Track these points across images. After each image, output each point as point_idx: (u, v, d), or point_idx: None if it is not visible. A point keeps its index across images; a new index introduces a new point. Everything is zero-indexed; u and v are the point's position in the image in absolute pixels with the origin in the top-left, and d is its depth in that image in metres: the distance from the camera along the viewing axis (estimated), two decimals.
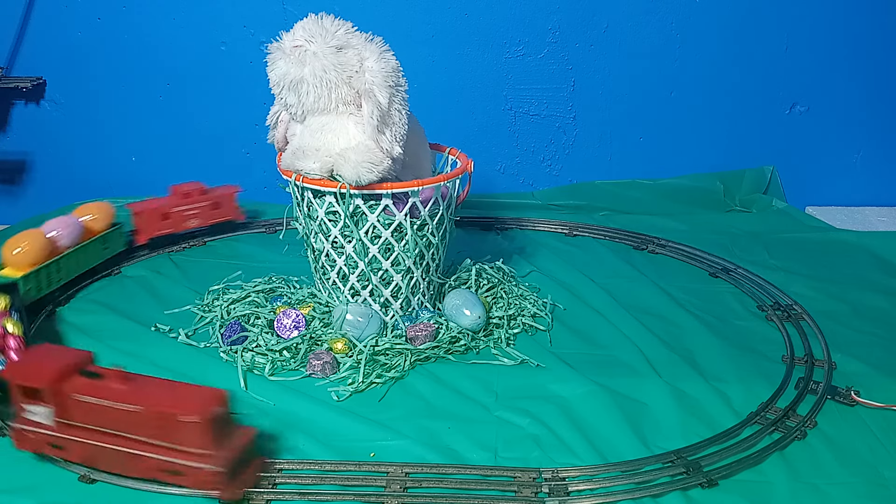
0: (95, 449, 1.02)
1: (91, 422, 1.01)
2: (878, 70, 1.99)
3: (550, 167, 2.06)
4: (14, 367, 1.09)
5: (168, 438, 0.98)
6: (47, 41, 1.93)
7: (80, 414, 1.01)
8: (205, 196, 1.75)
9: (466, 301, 1.37)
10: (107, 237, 1.59)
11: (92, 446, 1.02)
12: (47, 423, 1.03)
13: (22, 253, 1.40)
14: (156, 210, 1.69)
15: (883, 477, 1.05)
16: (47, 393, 1.01)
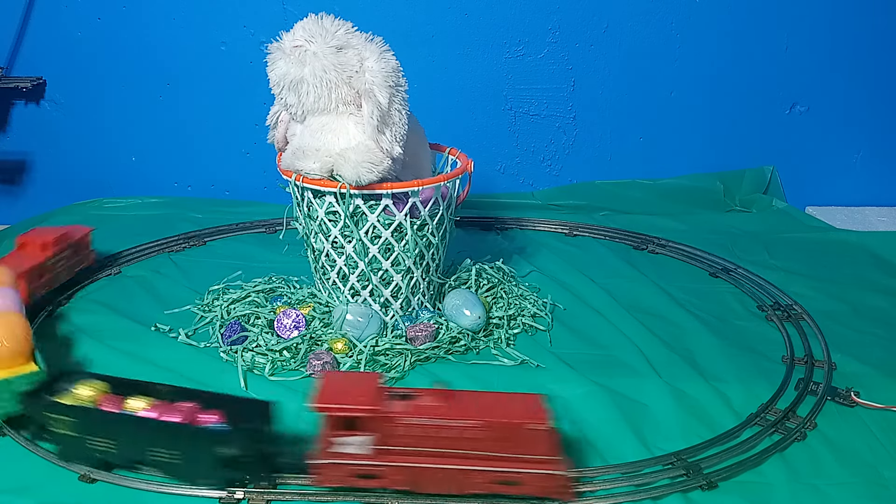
0: (417, 471, 0.96)
1: (414, 444, 0.95)
2: (879, 70, 1.99)
3: (550, 167, 2.06)
4: (325, 397, 0.97)
5: (511, 450, 0.95)
6: (47, 41, 1.93)
7: (402, 438, 0.95)
8: (65, 244, 1.50)
9: (466, 301, 1.37)
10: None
11: (413, 469, 0.96)
12: (361, 452, 0.96)
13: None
14: (32, 270, 1.41)
15: (883, 478, 1.05)
16: (371, 421, 0.95)
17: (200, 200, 2.00)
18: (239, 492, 1.00)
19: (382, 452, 0.96)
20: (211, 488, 1.01)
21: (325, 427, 0.97)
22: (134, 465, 1.03)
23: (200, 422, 1.01)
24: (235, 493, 1.00)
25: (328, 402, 0.96)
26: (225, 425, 1.00)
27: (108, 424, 1.01)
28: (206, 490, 1.01)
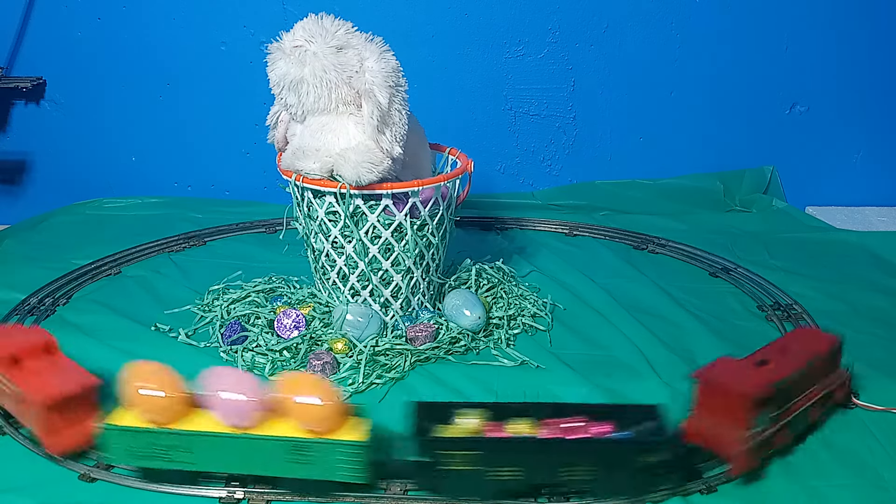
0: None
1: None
2: (878, 70, 1.99)
3: (550, 167, 2.06)
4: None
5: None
6: (47, 41, 1.93)
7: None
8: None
9: (466, 301, 1.37)
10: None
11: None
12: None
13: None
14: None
15: (883, 479, 1.05)
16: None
17: (200, 200, 2.00)
18: (239, 492, 1.00)
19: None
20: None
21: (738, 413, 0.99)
22: (539, 489, 0.99)
23: (601, 434, 0.99)
24: (235, 493, 1.00)
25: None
26: (649, 433, 0.99)
27: (513, 452, 0.97)
28: (206, 490, 1.01)
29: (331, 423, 0.97)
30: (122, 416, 1.00)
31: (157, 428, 0.98)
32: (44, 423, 1.03)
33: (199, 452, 0.98)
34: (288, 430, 0.97)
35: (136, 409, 0.99)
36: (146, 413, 0.99)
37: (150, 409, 0.98)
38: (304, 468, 0.97)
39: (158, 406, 0.98)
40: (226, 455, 0.98)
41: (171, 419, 0.99)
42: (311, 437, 0.96)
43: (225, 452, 0.98)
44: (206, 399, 0.99)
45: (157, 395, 0.98)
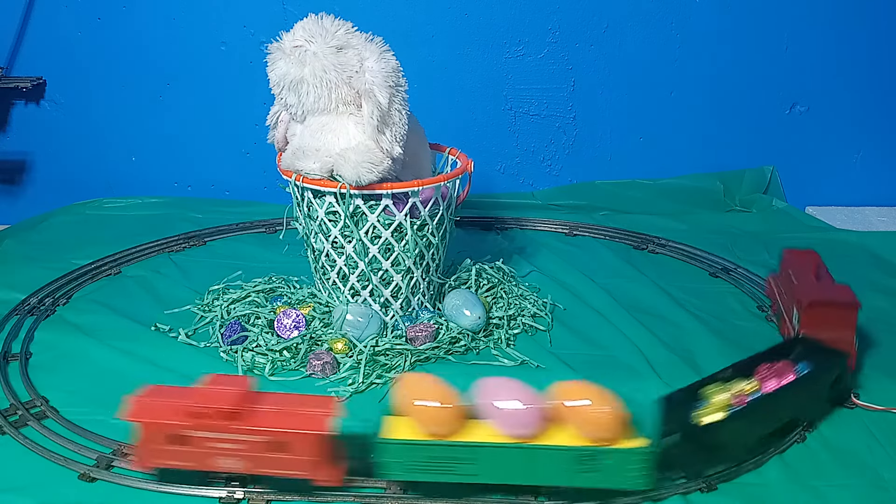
0: None
1: None
2: (878, 70, 1.99)
3: (550, 167, 2.06)
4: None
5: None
6: (47, 41, 1.93)
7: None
8: None
9: (466, 301, 1.37)
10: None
11: None
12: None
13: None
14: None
15: (883, 479, 1.05)
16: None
17: (200, 200, 2.00)
18: (239, 491, 1.00)
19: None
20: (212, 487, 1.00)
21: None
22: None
23: (794, 372, 1.10)
24: (235, 493, 1.00)
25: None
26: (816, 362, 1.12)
27: (765, 407, 1.07)
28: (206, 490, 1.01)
29: (616, 431, 0.95)
30: (396, 430, 0.98)
31: (440, 441, 0.96)
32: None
33: (482, 464, 0.96)
34: (568, 439, 0.95)
35: (413, 422, 0.97)
36: (425, 426, 0.96)
37: (430, 422, 0.96)
38: (592, 477, 0.96)
39: (438, 418, 0.95)
40: (510, 466, 0.96)
41: (451, 431, 0.96)
42: (598, 445, 0.95)
43: (509, 463, 0.96)
44: (484, 409, 0.97)
45: (435, 407, 0.95)
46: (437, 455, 0.96)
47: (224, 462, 0.97)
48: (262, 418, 0.96)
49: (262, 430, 0.95)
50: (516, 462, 0.96)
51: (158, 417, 0.96)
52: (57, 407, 1.17)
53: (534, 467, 0.96)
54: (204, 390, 0.97)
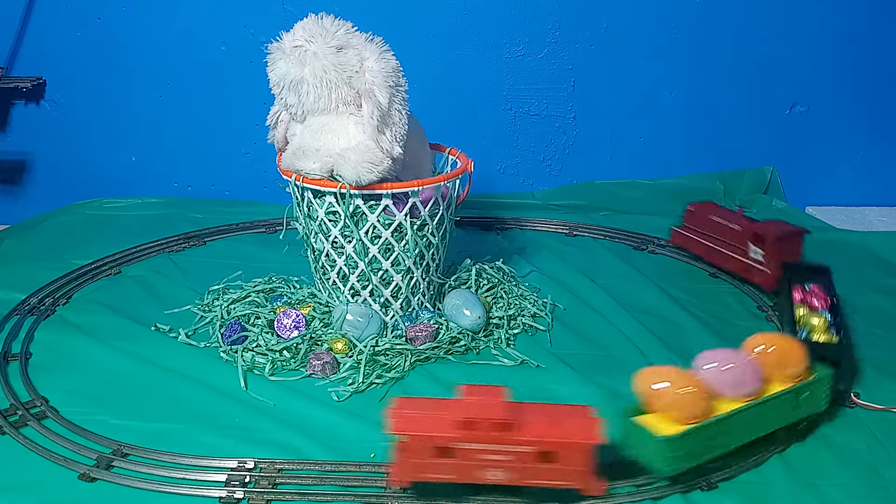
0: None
1: None
2: (878, 70, 1.99)
3: (550, 167, 2.06)
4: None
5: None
6: (47, 41, 1.93)
7: None
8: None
9: (466, 301, 1.37)
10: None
11: None
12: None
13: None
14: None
15: (883, 478, 1.05)
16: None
17: (200, 200, 2.00)
18: (239, 491, 1.01)
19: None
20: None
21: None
22: None
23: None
24: (235, 493, 1.00)
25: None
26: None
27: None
28: (206, 490, 1.01)
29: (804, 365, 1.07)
30: (655, 426, 0.99)
31: (702, 422, 0.99)
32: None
33: (732, 432, 1.02)
34: (778, 385, 1.06)
35: (667, 413, 1.00)
36: (680, 412, 0.99)
37: (682, 407, 0.99)
38: (801, 411, 1.09)
39: (694, 403, 0.99)
40: (750, 425, 1.04)
41: (704, 411, 1.00)
42: (799, 381, 1.07)
43: (749, 423, 1.03)
44: (714, 381, 1.02)
45: (692, 392, 0.99)
46: (699, 438, 0.99)
47: (490, 474, 0.96)
48: (532, 429, 0.95)
49: (534, 441, 0.94)
50: (754, 419, 1.04)
51: (427, 430, 0.94)
52: (57, 407, 1.17)
53: (765, 420, 1.05)
54: (470, 401, 0.95)
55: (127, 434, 1.11)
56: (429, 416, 0.96)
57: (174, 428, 1.13)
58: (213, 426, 1.14)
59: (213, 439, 1.11)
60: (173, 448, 1.08)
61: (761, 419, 1.05)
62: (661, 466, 0.99)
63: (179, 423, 1.14)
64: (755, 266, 1.51)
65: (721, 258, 1.59)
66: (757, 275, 1.51)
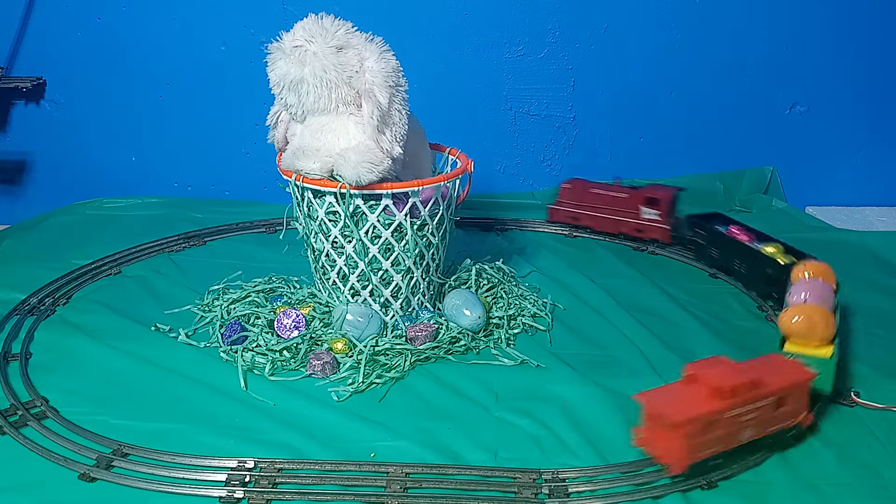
0: None
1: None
2: (878, 70, 1.99)
3: (550, 167, 2.06)
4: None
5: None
6: (47, 41, 1.93)
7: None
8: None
9: (466, 301, 1.37)
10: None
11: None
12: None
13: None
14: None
15: (883, 478, 1.05)
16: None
17: (200, 200, 2.00)
18: (239, 491, 1.01)
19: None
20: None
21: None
22: None
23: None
24: (235, 493, 1.00)
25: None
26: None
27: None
28: (206, 490, 1.01)
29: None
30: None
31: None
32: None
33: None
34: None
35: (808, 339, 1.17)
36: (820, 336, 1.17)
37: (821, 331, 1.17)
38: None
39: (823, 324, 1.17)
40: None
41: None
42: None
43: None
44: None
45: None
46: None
47: (744, 433, 1.03)
48: (770, 382, 1.03)
49: (776, 391, 1.03)
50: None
51: (700, 409, 0.98)
52: (57, 407, 1.17)
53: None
54: (716, 372, 1.03)
55: (127, 434, 1.11)
56: (685, 398, 1.01)
57: (174, 428, 1.13)
58: (213, 426, 1.14)
59: (213, 439, 1.11)
60: (173, 448, 1.08)
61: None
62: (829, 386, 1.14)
63: (179, 423, 1.14)
64: (651, 225, 1.72)
65: (612, 225, 1.77)
66: (654, 232, 1.72)
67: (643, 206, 1.71)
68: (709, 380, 1.01)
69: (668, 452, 1.00)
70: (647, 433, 1.03)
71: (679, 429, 0.97)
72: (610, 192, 1.76)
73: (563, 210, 1.83)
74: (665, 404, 1.00)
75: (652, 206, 1.71)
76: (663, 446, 1.00)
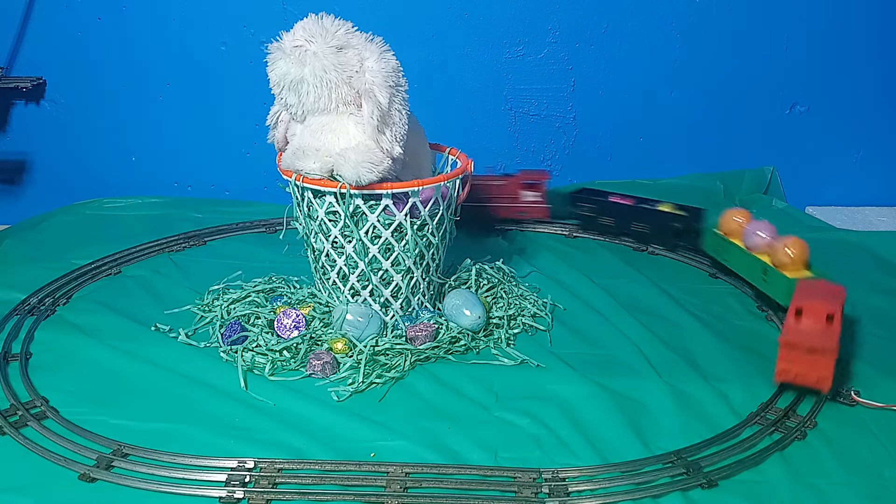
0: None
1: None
2: (878, 70, 1.99)
3: (550, 167, 2.06)
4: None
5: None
6: (47, 41, 1.93)
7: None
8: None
9: (466, 301, 1.37)
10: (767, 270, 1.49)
11: None
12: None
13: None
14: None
15: (883, 477, 1.05)
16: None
17: (200, 200, 2.00)
18: (239, 491, 1.01)
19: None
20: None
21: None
22: None
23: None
24: (235, 493, 1.00)
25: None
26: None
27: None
28: (206, 490, 1.01)
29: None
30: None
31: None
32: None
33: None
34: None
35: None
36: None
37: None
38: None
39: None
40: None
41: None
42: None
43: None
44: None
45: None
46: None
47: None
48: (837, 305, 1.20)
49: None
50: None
51: (834, 336, 1.16)
52: (57, 407, 1.17)
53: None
54: (822, 304, 1.19)
55: (127, 434, 1.11)
56: (816, 330, 1.19)
57: (174, 428, 1.13)
58: (213, 426, 1.14)
59: (213, 439, 1.11)
60: (173, 448, 1.08)
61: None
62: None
63: (179, 423, 1.14)
64: (533, 206, 1.82)
65: (496, 211, 1.84)
66: (535, 212, 1.82)
67: (522, 191, 1.81)
68: (819, 308, 1.18)
69: (818, 377, 1.16)
70: (793, 365, 1.17)
71: (830, 354, 1.14)
72: (489, 182, 1.82)
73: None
74: (809, 337, 1.16)
75: (531, 189, 1.81)
76: (811, 373, 1.16)
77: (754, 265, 1.49)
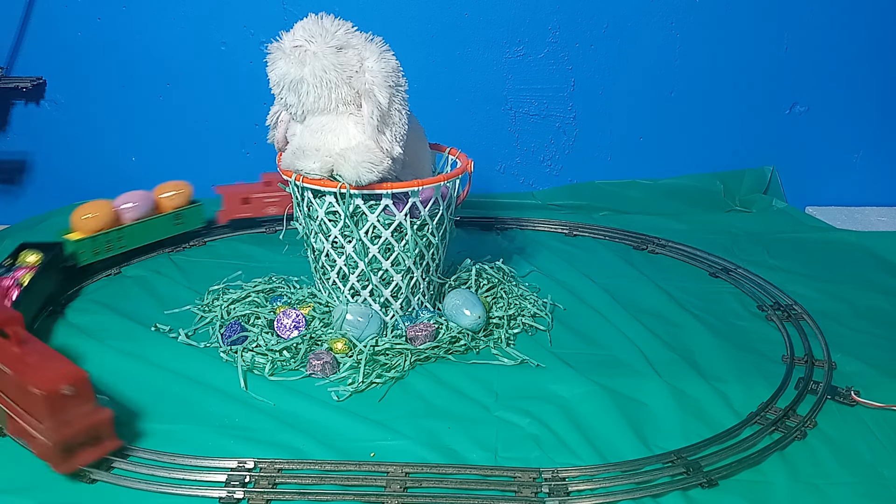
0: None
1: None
2: (878, 70, 1.99)
3: (550, 167, 2.06)
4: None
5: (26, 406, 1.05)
6: (47, 41, 1.93)
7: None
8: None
9: (466, 301, 1.37)
10: (181, 214, 1.72)
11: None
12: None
13: (91, 219, 1.57)
14: (238, 193, 1.81)
15: (883, 477, 1.05)
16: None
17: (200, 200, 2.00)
18: (239, 491, 1.01)
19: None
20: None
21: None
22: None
23: None
24: (235, 493, 1.00)
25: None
26: None
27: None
28: (206, 490, 1.01)
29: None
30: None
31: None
32: None
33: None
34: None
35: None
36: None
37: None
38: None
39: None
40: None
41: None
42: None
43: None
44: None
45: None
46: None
47: None
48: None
49: None
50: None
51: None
52: None
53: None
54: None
55: (127, 434, 1.11)
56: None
57: (174, 428, 1.13)
58: (213, 426, 1.14)
59: (212, 439, 1.11)
60: (173, 448, 1.08)
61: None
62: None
63: (179, 423, 1.14)
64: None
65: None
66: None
67: (281, 184, 1.85)
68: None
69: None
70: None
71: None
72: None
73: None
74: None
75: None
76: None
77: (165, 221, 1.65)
